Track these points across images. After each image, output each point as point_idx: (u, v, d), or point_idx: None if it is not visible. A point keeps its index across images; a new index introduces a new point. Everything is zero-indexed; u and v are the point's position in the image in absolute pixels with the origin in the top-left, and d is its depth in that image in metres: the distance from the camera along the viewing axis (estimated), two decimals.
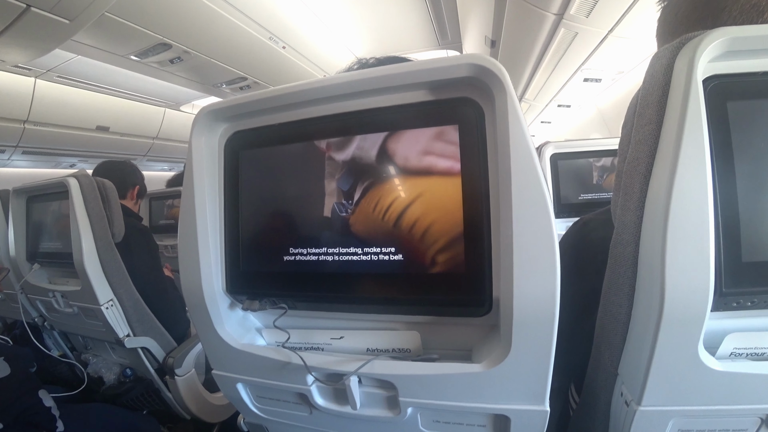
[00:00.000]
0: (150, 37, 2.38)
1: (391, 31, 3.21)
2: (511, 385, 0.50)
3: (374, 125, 0.53)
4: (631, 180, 0.50)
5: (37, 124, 3.28)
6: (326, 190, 0.56)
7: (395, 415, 0.58)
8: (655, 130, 0.46)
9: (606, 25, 2.13)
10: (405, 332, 0.57)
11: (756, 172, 0.44)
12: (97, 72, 3.03)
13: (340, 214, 0.56)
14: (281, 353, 0.59)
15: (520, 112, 0.44)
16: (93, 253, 1.25)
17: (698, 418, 0.51)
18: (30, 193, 1.46)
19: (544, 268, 0.44)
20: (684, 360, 0.46)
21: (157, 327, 1.44)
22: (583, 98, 3.86)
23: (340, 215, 0.56)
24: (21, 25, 1.71)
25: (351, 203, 0.55)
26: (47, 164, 4.16)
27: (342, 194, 0.55)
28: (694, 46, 0.42)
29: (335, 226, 0.56)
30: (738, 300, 0.46)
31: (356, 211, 0.55)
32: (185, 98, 4.04)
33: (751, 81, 0.44)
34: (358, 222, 0.54)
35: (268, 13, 2.49)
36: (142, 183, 1.88)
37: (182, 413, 1.54)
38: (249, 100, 0.56)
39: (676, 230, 0.43)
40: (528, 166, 0.43)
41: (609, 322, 0.55)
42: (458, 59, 0.45)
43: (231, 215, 0.62)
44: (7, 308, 1.73)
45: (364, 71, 0.50)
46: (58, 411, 1.09)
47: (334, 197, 0.56)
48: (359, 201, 0.54)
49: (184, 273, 0.61)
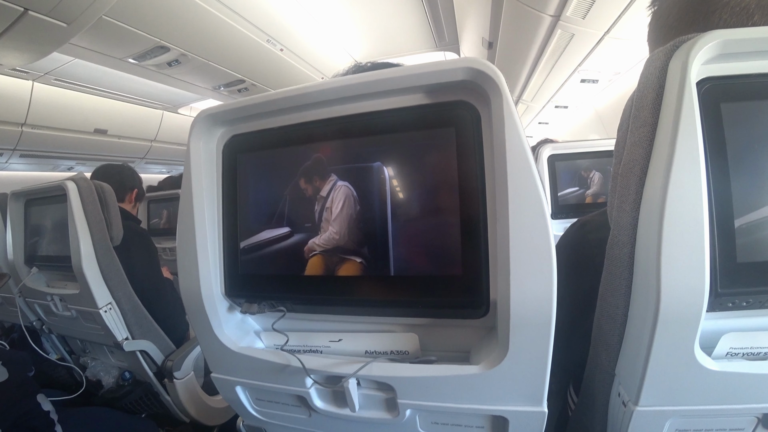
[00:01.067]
0: (148, 40, 2.39)
1: (389, 33, 3.22)
2: (508, 386, 0.50)
3: (371, 128, 0.53)
4: (626, 182, 0.50)
5: (35, 127, 3.27)
6: (322, 193, 0.56)
7: (394, 417, 0.58)
8: (650, 132, 0.47)
9: (602, 27, 2.14)
10: (403, 334, 0.57)
11: (750, 173, 0.45)
12: (94, 75, 3.03)
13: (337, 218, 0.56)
14: (280, 356, 0.59)
15: (516, 114, 0.44)
16: (91, 257, 1.25)
17: (695, 417, 0.51)
18: (28, 197, 1.46)
19: (541, 270, 0.44)
20: (680, 360, 0.46)
21: (156, 330, 1.44)
22: (580, 99, 3.86)
23: (337, 218, 0.56)
24: (18, 29, 1.71)
25: (348, 206, 0.55)
26: (45, 167, 4.16)
27: (339, 197, 0.55)
28: (688, 48, 0.43)
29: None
30: (733, 300, 0.46)
31: (353, 213, 0.55)
32: (183, 101, 4.05)
33: (744, 83, 0.45)
34: (355, 224, 0.55)
35: (265, 15, 2.49)
36: (141, 186, 1.88)
37: (181, 416, 1.54)
38: (247, 104, 0.57)
39: (672, 231, 0.43)
40: (524, 168, 0.44)
41: (606, 323, 0.56)
42: (454, 63, 0.46)
43: (229, 218, 0.62)
44: (5, 312, 1.72)
45: (361, 75, 0.50)
46: (56, 415, 1.09)
47: (330, 200, 0.56)
48: (356, 203, 0.54)
49: (183, 276, 0.61)
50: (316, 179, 0.57)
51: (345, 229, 0.55)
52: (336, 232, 0.56)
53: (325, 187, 0.56)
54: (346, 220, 0.55)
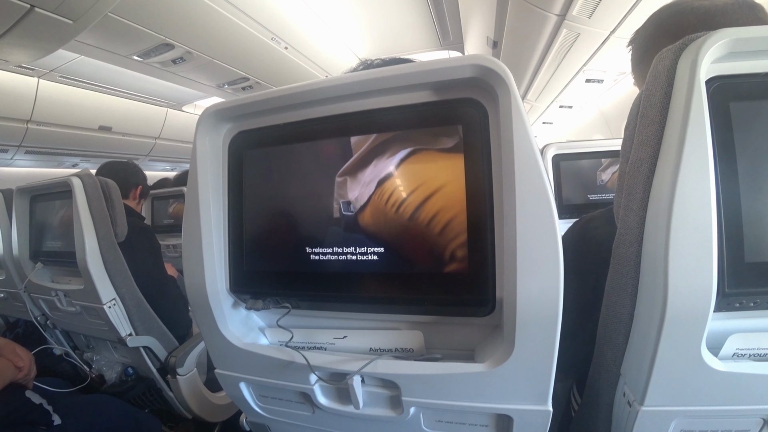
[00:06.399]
0: (153, 38, 2.39)
1: (393, 32, 3.22)
2: (513, 384, 0.50)
3: (378, 126, 0.53)
4: (634, 181, 0.50)
5: (40, 123, 3.29)
6: (329, 190, 0.56)
7: (398, 415, 0.58)
8: (658, 131, 0.46)
9: (608, 26, 2.13)
10: (408, 332, 0.57)
11: (759, 173, 0.44)
12: (99, 72, 3.04)
13: (343, 214, 0.56)
14: (284, 352, 0.59)
15: (523, 112, 0.44)
16: (96, 253, 1.26)
17: (701, 418, 0.51)
18: (33, 193, 1.47)
19: (548, 268, 0.44)
20: (687, 360, 0.46)
21: (159, 326, 1.45)
22: (585, 99, 3.85)
23: (343, 215, 0.56)
24: (24, 26, 1.72)
25: (354, 203, 0.55)
26: (50, 164, 4.18)
27: (345, 195, 0.55)
28: (697, 47, 0.42)
29: (338, 226, 0.56)
30: (741, 300, 0.46)
31: (359, 211, 0.55)
32: (187, 98, 4.06)
33: (753, 82, 0.45)
34: (362, 222, 0.55)
35: (270, 13, 2.49)
36: (145, 183, 1.89)
37: (184, 412, 1.54)
38: (253, 100, 0.57)
39: (679, 231, 0.43)
40: (531, 166, 0.43)
41: (612, 322, 0.55)
42: (462, 60, 0.45)
43: (235, 215, 0.62)
44: (10, 307, 1.73)
45: (368, 72, 0.50)
46: (50, 406, 1.09)
47: (337, 197, 0.56)
48: (363, 201, 0.54)
49: (188, 272, 0.61)
50: (321, 176, 0.57)
51: (351, 227, 0.55)
52: (342, 230, 0.56)
53: (330, 184, 0.56)
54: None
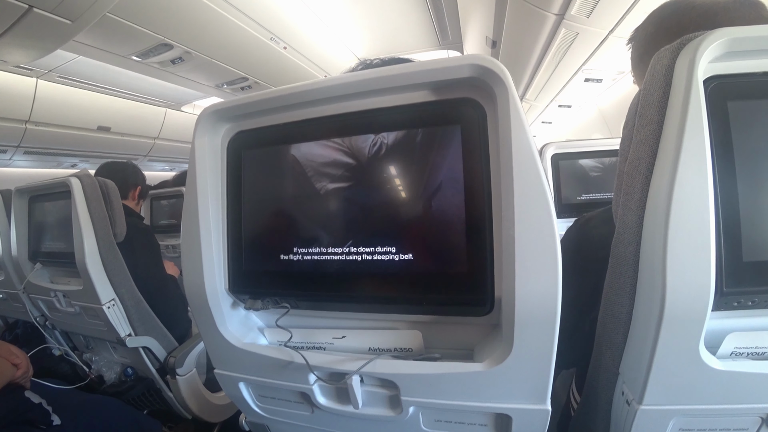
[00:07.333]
0: (151, 38, 2.39)
1: (392, 32, 3.22)
2: (512, 384, 0.50)
3: (377, 125, 0.53)
4: (632, 180, 0.50)
5: (39, 124, 3.28)
6: (327, 191, 0.56)
7: (397, 415, 0.58)
8: (656, 130, 0.47)
9: (607, 26, 2.13)
10: (407, 331, 0.57)
11: (757, 172, 0.44)
12: (98, 72, 3.03)
13: (342, 214, 0.56)
14: (283, 352, 0.59)
15: (522, 112, 0.44)
16: (95, 253, 1.25)
17: (699, 417, 0.51)
18: (32, 193, 1.46)
19: (546, 268, 0.44)
20: (685, 359, 0.46)
21: (159, 326, 1.45)
22: (584, 98, 3.85)
23: (342, 215, 0.56)
24: (23, 26, 1.72)
25: (353, 203, 0.55)
26: (49, 164, 4.17)
27: (344, 194, 0.55)
28: (695, 46, 0.43)
29: (337, 226, 0.56)
30: (739, 299, 0.46)
31: (358, 210, 0.55)
32: (186, 98, 4.05)
33: (751, 81, 0.45)
34: (361, 222, 0.55)
35: (269, 13, 2.49)
36: (144, 184, 1.89)
37: (183, 413, 1.54)
38: (252, 100, 0.57)
39: (677, 230, 0.43)
40: (530, 165, 0.43)
41: (610, 322, 0.56)
42: (461, 60, 0.45)
43: (234, 215, 0.62)
44: (9, 308, 1.73)
45: (366, 72, 0.50)
46: (50, 406, 1.09)
47: (335, 197, 0.56)
48: (361, 201, 0.54)
49: (187, 272, 0.61)
50: (320, 176, 0.57)
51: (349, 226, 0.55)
52: (341, 229, 0.56)
53: (329, 184, 0.56)
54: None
